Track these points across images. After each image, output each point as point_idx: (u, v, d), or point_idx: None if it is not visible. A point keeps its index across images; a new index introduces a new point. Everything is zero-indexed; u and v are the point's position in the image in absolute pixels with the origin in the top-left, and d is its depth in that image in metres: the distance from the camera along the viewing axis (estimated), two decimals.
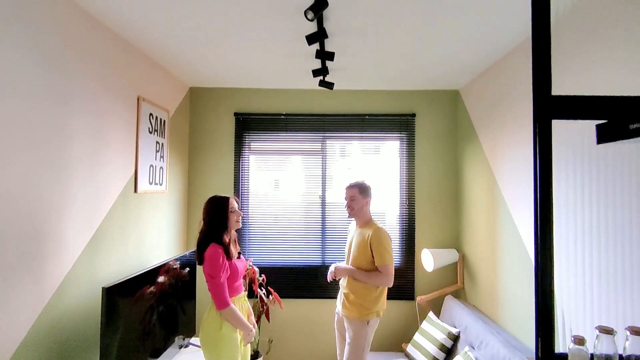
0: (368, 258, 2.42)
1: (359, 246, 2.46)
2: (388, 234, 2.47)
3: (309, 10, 1.69)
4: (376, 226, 2.48)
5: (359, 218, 2.55)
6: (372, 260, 2.42)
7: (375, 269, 2.41)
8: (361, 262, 2.44)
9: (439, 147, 3.53)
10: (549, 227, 1.05)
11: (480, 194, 3.00)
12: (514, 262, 2.46)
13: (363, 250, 2.43)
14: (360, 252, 2.44)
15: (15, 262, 1.58)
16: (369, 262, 2.42)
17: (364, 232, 2.49)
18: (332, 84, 2.86)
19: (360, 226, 2.55)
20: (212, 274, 2.01)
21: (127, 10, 2.03)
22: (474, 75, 3.10)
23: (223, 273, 2.04)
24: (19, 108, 1.59)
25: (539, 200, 1.02)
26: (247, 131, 3.54)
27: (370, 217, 2.57)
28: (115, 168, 2.32)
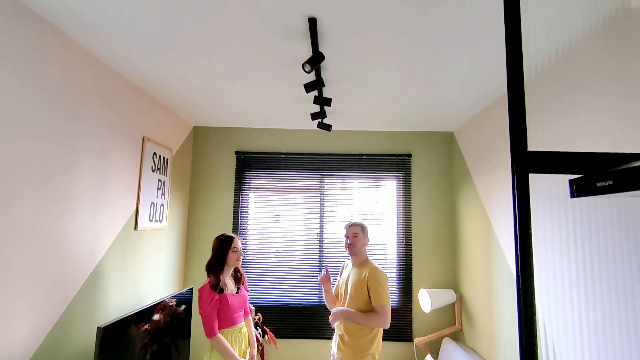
0: (364, 298, 2.41)
1: (356, 285, 2.46)
2: (385, 273, 2.49)
3: (307, 63, 1.81)
4: (373, 265, 2.50)
5: (357, 257, 2.57)
6: (368, 300, 2.41)
7: (372, 310, 2.40)
8: (357, 302, 2.43)
9: (434, 187, 3.60)
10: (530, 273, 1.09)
11: (476, 235, 3.03)
12: (511, 304, 2.45)
13: (360, 290, 2.43)
14: (357, 292, 2.44)
15: (14, 300, 1.61)
16: (366, 302, 2.41)
17: (360, 271, 2.50)
18: (330, 126, 2.97)
19: (356, 265, 2.56)
20: (200, 305, 2.26)
21: (135, 56, 2.18)
22: (467, 118, 3.22)
23: (210, 304, 2.25)
24: (29, 149, 1.68)
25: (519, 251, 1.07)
26: (247, 169, 3.64)
27: (366, 257, 2.59)
28: (117, 206, 2.39)
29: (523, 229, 1.13)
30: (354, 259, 2.58)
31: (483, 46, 1.92)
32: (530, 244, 1.12)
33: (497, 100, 2.70)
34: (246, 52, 2.06)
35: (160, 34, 1.88)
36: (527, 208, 1.14)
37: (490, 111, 2.80)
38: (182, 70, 2.34)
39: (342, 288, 2.57)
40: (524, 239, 1.12)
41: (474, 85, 2.47)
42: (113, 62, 2.23)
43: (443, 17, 1.66)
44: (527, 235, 1.14)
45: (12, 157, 1.59)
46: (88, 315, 2.12)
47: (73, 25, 1.81)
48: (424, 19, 1.68)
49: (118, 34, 1.89)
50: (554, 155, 1.12)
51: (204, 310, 2.24)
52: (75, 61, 1.97)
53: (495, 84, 2.43)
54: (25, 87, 1.66)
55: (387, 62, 2.15)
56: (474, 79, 2.36)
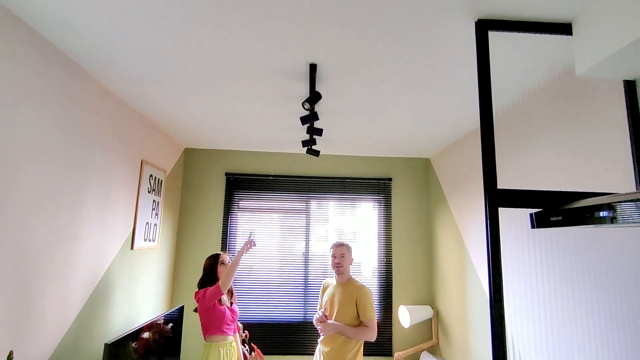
0: (353, 314, 2.58)
1: (344, 302, 2.62)
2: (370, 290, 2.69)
3: (306, 102, 2.04)
4: (360, 283, 2.68)
5: (344, 275, 2.74)
6: (356, 315, 2.58)
7: (359, 324, 2.57)
8: (346, 317, 2.58)
9: (413, 209, 3.87)
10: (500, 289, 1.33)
11: (451, 254, 3.30)
12: (483, 319, 2.71)
13: (348, 306, 2.59)
14: (345, 308, 2.60)
15: (20, 319, 1.70)
16: (354, 318, 2.58)
17: (347, 289, 2.67)
18: (318, 152, 3.18)
19: (341, 283, 2.73)
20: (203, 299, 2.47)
21: (139, 86, 2.34)
22: (442, 147, 3.54)
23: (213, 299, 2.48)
24: (46, 172, 1.80)
25: (491, 271, 1.31)
26: (237, 190, 3.79)
27: (350, 275, 2.78)
28: (117, 226, 2.49)
29: (494, 252, 1.37)
30: (339, 277, 2.74)
31: (454, 92, 2.22)
32: (500, 265, 1.37)
33: (467, 134, 3.02)
34: (245, 84, 2.27)
35: (164, 68, 2.06)
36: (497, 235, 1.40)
37: (462, 142, 3.11)
38: (180, 99, 2.51)
39: (328, 304, 2.72)
40: (495, 261, 1.36)
41: (447, 121, 2.77)
42: (121, 92, 2.37)
43: (424, 69, 1.94)
44: (498, 258, 1.39)
45: (34, 179, 1.71)
46: (92, 332, 2.19)
47: (90, 60, 1.97)
48: (408, 70, 1.95)
49: (125, 67, 2.05)
50: (518, 193, 1.38)
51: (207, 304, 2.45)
52: (89, 93, 2.11)
53: (465, 121, 2.75)
54: (45, 117, 1.79)
55: (374, 99, 2.41)
56: (448, 117, 2.66)
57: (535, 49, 1.71)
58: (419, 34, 1.64)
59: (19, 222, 1.64)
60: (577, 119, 1.80)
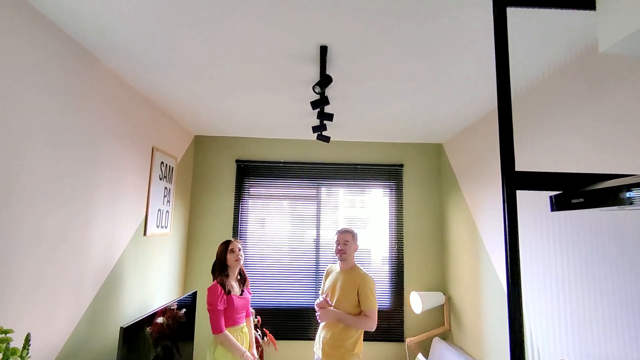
0: (353, 302, 2.53)
1: (345, 290, 2.57)
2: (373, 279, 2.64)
3: (317, 85, 2.00)
4: (363, 272, 2.63)
5: (347, 262, 2.69)
6: (356, 304, 2.53)
7: (359, 313, 2.54)
8: (346, 304, 2.53)
9: (425, 195, 3.82)
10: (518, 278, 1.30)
11: (463, 241, 3.26)
12: (496, 305, 2.68)
13: (349, 294, 2.54)
14: (346, 296, 2.54)
15: (42, 302, 1.72)
16: (354, 306, 2.53)
17: (350, 277, 2.61)
18: (329, 138, 3.15)
19: (344, 270, 2.67)
20: (209, 302, 2.41)
21: (149, 72, 2.32)
22: (455, 132, 3.46)
23: (220, 304, 2.41)
24: (59, 156, 1.81)
25: (508, 259, 1.27)
26: (247, 177, 3.79)
27: (354, 263, 2.71)
28: (129, 212, 2.51)
29: (512, 238, 1.33)
30: (342, 264, 2.69)
31: (469, 73, 2.15)
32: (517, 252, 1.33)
33: (481, 118, 2.95)
34: (255, 70, 2.23)
35: (172, 54, 2.03)
36: (515, 220, 1.35)
37: (476, 127, 3.04)
38: (189, 84, 2.49)
39: (329, 290, 2.69)
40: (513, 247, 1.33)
41: (461, 104, 2.70)
42: (130, 78, 2.36)
43: (438, 52, 1.88)
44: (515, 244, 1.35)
45: (45, 164, 1.72)
46: (106, 317, 2.23)
47: (99, 46, 1.95)
48: (422, 52, 1.89)
49: (136, 52, 2.03)
50: (538, 175, 1.34)
51: (213, 307, 2.38)
52: (99, 78, 2.10)
53: (480, 105, 2.67)
54: (57, 103, 1.78)
55: (386, 83, 2.35)
56: (460, 101, 2.59)
57: (555, 25, 1.63)
58: (433, 14, 1.57)
59: (29, 208, 1.65)
60: (598, 99, 1.72)
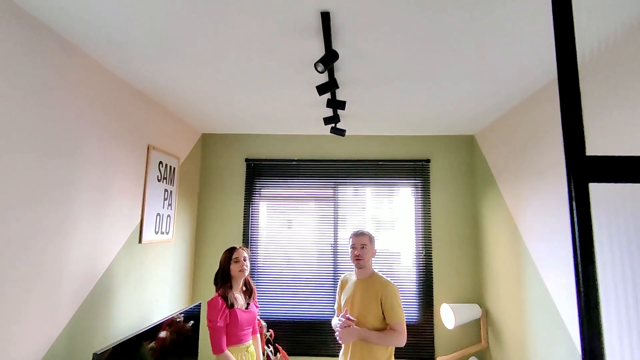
0: (377, 315, 2.20)
1: (366, 301, 2.24)
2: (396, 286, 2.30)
3: (319, 62, 1.65)
4: (384, 279, 2.30)
5: (365, 270, 2.36)
6: (381, 317, 2.20)
7: (385, 327, 2.20)
8: (369, 319, 2.20)
9: (455, 194, 3.39)
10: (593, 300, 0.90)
11: (502, 246, 2.81)
12: (546, 322, 2.23)
13: (371, 306, 2.21)
14: (368, 308, 2.21)
15: (6, 323, 1.47)
16: (378, 320, 2.19)
17: (370, 285, 2.28)
18: (344, 131, 2.81)
19: (362, 279, 2.35)
20: (208, 318, 2.14)
21: (140, 62, 2.05)
22: (489, 121, 3.02)
23: (221, 318, 2.12)
24: (20, 162, 1.56)
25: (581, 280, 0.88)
26: (258, 177, 3.49)
27: (373, 270, 2.39)
28: (120, 218, 2.26)
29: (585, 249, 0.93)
30: (360, 271, 2.36)
31: (509, 40, 1.74)
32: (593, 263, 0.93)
33: (520, 103, 2.50)
34: (255, 53, 1.92)
35: (167, 44, 1.75)
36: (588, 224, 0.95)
37: (517, 113, 2.59)
38: (190, 77, 2.22)
39: (348, 304, 2.35)
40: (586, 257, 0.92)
41: (497, 86, 2.27)
42: (116, 68, 2.11)
43: (469, 17, 1.49)
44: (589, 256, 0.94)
45: (5, 170, 1.47)
46: (90, 336, 1.98)
47: (71, 28, 1.69)
48: (445, 17, 1.51)
49: (122, 40, 1.76)
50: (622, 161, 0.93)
51: (213, 324, 2.11)
52: (75, 66, 1.85)
53: (519, 88, 2.24)
54: (18, 93, 1.54)
55: (405, 62, 1.98)
56: (498, 79, 2.16)
57: None
58: None
59: None
60: None
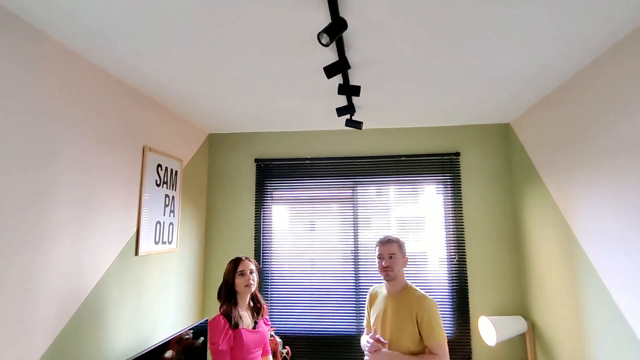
0: (412, 335, 1.90)
1: (399, 320, 1.94)
2: (434, 301, 1.97)
3: (323, 33, 1.34)
4: (420, 293, 1.98)
5: (396, 282, 2.05)
6: (417, 338, 1.90)
7: (422, 350, 1.89)
8: (403, 341, 1.91)
9: (490, 191, 2.99)
10: None
11: (551, 249, 2.41)
12: (613, 340, 1.83)
13: (405, 326, 1.91)
14: (402, 328, 1.92)
15: None
16: (414, 341, 1.89)
17: (403, 301, 1.98)
18: (361, 123, 2.49)
19: (394, 293, 2.04)
20: (210, 340, 1.92)
21: (135, 60, 1.81)
22: (528, 106, 2.62)
23: (224, 340, 1.89)
24: None
25: None
26: (269, 179, 3.21)
27: (406, 281, 2.08)
28: (111, 230, 2.01)
29: None
30: (391, 284, 2.06)
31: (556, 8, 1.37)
32: None
33: (565, 82, 2.11)
34: (255, 31, 1.63)
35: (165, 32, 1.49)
36: None
37: (564, 94, 2.19)
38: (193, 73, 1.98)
39: (378, 323, 2.04)
40: None
41: (538, 63, 1.90)
42: (111, 68, 1.87)
43: None
44: None
45: None
46: None
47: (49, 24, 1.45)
48: None
49: (112, 35, 1.51)
50: None
51: (215, 347, 1.88)
52: (50, 60, 1.61)
53: (564, 64, 1.85)
54: None
55: (430, 37, 1.63)
56: (542, 54, 1.79)
57: None
58: None
59: None
60: None
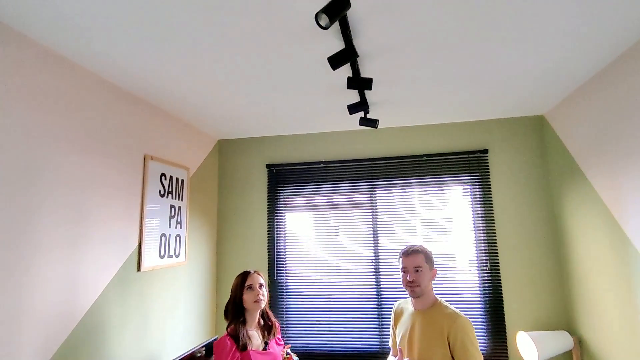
0: (444, 358, 1.66)
1: (428, 341, 1.70)
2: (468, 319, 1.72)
3: (322, 13, 1.15)
4: (451, 310, 1.74)
5: (424, 298, 1.81)
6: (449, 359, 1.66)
7: None
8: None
9: (524, 190, 2.70)
10: None
11: (600, 253, 2.11)
12: None
13: (437, 347, 1.67)
14: (431, 350, 1.68)
15: None
16: None
17: (432, 319, 1.74)
18: (376, 121, 2.27)
19: (422, 310, 1.81)
20: None
21: (134, 67, 1.67)
22: (565, 95, 2.34)
23: None
24: None
25: None
26: (281, 185, 3.03)
27: (435, 296, 1.84)
28: (109, 246, 1.87)
29: None
30: (417, 301, 1.82)
31: None
32: None
33: (614, 62, 1.82)
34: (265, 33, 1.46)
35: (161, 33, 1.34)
36: None
37: (607, 79, 1.91)
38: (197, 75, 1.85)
39: (404, 343, 1.81)
40: None
41: (577, 47, 1.63)
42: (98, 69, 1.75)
43: None
44: None
45: None
46: None
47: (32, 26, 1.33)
48: None
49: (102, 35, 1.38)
50: None
51: None
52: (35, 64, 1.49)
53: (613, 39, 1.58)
54: None
55: (448, 21, 1.41)
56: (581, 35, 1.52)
57: None
58: None
59: None
60: None
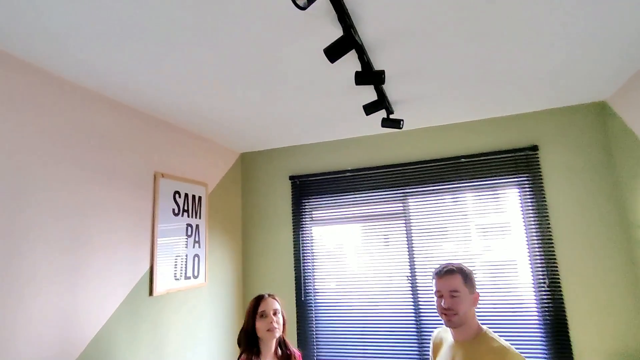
0: None
1: None
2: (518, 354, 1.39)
3: None
4: (498, 344, 1.42)
5: (464, 328, 1.51)
6: None
7: None
8: None
9: (585, 190, 2.28)
10: None
11: None
12: None
13: None
14: None
15: None
16: None
17: (476, 353, 1.43)
18: (400, 121, 2.02)
19: (462, 340, 1.50)
20: None
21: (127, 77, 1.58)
22: (630, 74, 1.94)
23: None
24: None
25: None
26: (306, 197, 2.84)
27: (478, 324, 1.52)
28: (116, 271, 1.78)
29: None
30: (456, 331, 1.52)
31: None
32: None
33: None
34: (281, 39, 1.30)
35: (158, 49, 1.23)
36: None
37: None
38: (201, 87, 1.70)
39: None
40: None
41: None
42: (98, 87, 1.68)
43: None
44: None
45: None
46: None
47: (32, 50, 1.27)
48: None
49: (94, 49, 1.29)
50: None
51: None
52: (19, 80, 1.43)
53: None
54: None
55: None
56: None
57: None
58: None
59: None
60: None
